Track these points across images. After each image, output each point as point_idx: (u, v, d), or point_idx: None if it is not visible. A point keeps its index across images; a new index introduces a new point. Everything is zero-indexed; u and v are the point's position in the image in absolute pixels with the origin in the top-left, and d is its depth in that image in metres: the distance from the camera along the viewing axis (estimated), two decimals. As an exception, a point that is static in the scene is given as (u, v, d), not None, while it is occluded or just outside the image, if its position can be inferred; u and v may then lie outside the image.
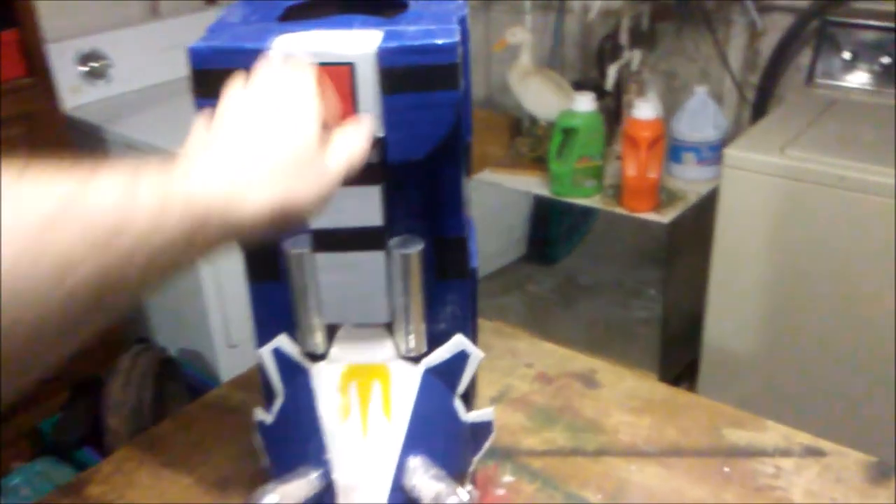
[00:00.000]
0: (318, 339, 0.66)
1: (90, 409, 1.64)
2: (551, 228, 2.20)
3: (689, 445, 0.82)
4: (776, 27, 1.87)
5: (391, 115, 0.55)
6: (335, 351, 0.66)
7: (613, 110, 1.95)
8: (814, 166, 1.39)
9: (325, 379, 0.66)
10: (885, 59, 1.65)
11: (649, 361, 1.80)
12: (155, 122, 1.72)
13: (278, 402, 0.69)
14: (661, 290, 1.72)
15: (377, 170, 0.58)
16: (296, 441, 0.66)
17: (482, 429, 0.72)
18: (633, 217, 1.69)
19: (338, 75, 0.54)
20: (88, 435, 1.63)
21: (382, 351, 0.66)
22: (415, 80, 0.54)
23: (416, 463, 0.63)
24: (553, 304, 2.07)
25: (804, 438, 0.82)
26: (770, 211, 1.45)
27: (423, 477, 0.61)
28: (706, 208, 1.73)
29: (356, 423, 0.64)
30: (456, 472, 0.66)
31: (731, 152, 1.46)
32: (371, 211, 0.60)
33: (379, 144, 0.57)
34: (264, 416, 0.70)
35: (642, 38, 2.02)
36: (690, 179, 1.79)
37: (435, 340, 0.67)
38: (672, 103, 1.94)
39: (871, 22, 1.67)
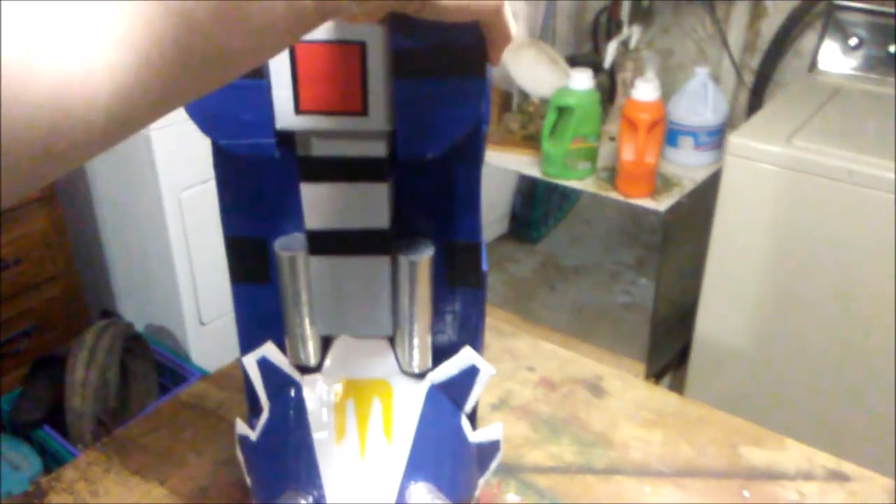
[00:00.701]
0: (311, 350, 0.58)
1: (51, 387, 1.56)
2: (536, 208, 2.13)
3: (705, 465, 0.76)
4: (779, 9, 1.81)
5: (405, 105, 0.47)
6: (330, 364, 0.59)
7: (608, 89, 1.87)
8: (821, 158, 1.33)
9: (318, 394, 0.59)
10: (893, 47, 1.59)
11: (638, 350, 1.75)
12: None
13: (263, 417, 0.62)
14: (652, 278, 1.66)
15: (384, 165, 0.50)
16: (283, 461, 0.58)
17: (489, 448, 0.66)
18: (627, 202, 1.62)
19: (346, 56, 0.46)
20: (49, 414, 1.54)
21: (383, 365, 0.59)
22: (434, 64, 0.46)
23: (418, 489, 0.56)
24: (536, 285, 2.01)
25: (826, 460, 0.77)
26: (772, 201, 1.40)
27: None
28: (702, 195, 1.68)
29: (352, 444, 0.57)
30: (462, 497, 0.60)
31: (735, 140, 1.40)
32: (376, 211, 0.53)
33: (388, 138, 0.49)
34: (247, 431, 0.63)
35: (640, 14, 1.94)
36: (686, 165, 1.73)
37: (440, 354, 0.60)
38: (667, 83, 1.87)
39: (879, 7, 1.61)
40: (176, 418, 0.82)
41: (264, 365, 0.60)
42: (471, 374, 0.61)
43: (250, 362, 0.60)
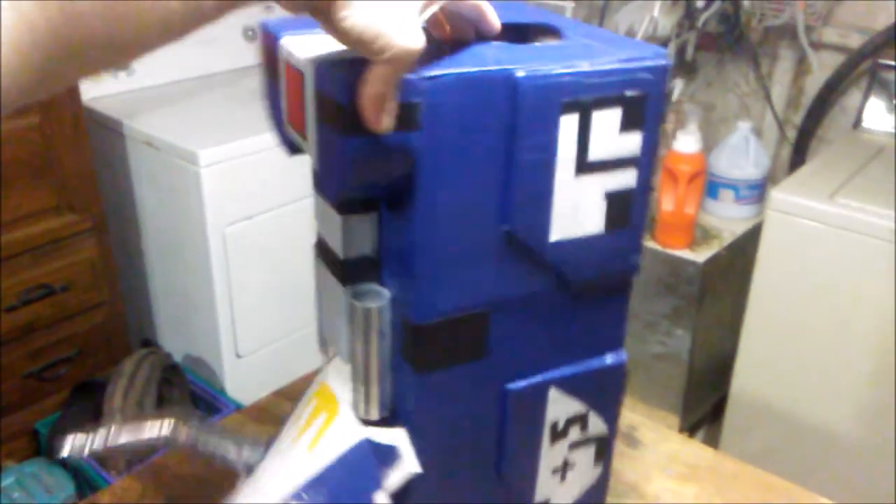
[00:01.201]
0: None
1: (89, 413, 1.58)
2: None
3: (738, 522, 0.75)
4: (823, 66, 1.81)
5: (319, 144, 0.47)
6: (336, 362, 0.59)
7: (649, 139, 1.88)
8: (864, 216, 1.32)
9: (315, 382, 0.61)
10: (939, 107, 1.58)
11: (673, 402, 1.73)
12: (174, 120, 1.67)
13: None
14: (689, 329, 1.65)
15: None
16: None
17: None
18: (666, 253, 1.62)
19: (294, 79, 0.48)
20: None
21: (347, 391, 0.58)
22: (331, 114, 0.45)
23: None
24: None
25: (864, 523, 0.75)
26: (813, 258, 1.39)
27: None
28: (741, 248, 1.67)
29: (292, 433, 0.59)
30: None
31: (777, 195, 1.40)
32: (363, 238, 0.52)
33: None
34: None
35: (684, 67, 1.96)
36: (726, 217, 1.73)
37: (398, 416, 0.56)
38: (708, 136, 1.87)
39: (926, 67, 1.61)
40: (212, 449, 0.83)
41: None
42: (390, 455, 0.56)
43: None
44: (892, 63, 1.64)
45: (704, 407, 1.86)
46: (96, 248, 1.64)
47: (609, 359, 0.56)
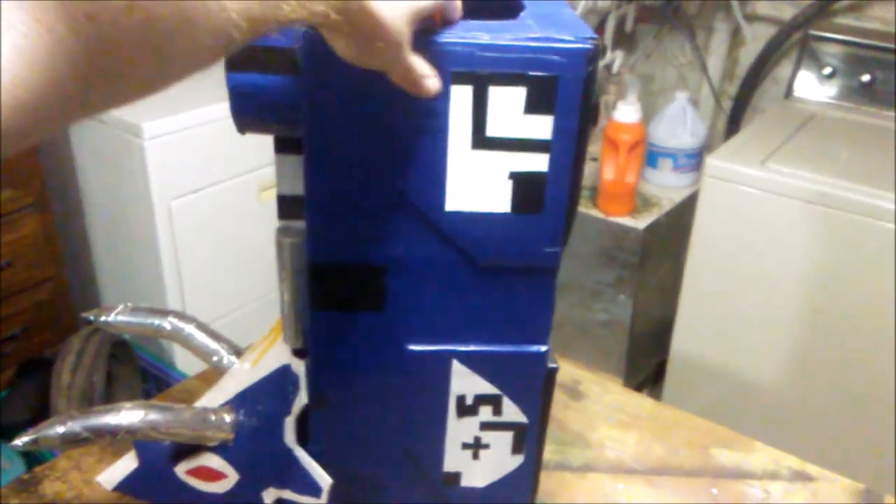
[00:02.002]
0: None
1: (37, 390, 1.57)
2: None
3: (676, 464, 0.80)
4: (757, 37, 1.87)
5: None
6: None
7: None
8: (795, 181, 1.39)
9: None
10: (865, 77, 1.65)
11: (615, 365, 1.79)
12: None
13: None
14: (630, 294, 1.71)
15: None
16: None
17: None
18: (608, 220, 1.67)
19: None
20: (35, 417, 1.55)
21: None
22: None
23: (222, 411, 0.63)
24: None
25: (792, 462, 0.81)
26: (747, 222, 1.45)
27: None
28: (680, 215, 1.73)
29: (250, 355, 0.64)
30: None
31: (712, 162, 1.45)
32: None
33: None
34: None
35: (623, 40, 2.00)
36: (665, 185, 1.78)
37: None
38: (648, 107, 1.92)
39: (853, 38, 1.68)
40: (168, 412, 0.85)
41: None
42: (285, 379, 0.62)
43: None
44: (822, 34, 1.71)
45: (646, 370, 1.93)
46: (38, 225, 1.62)
47: (526, 348, 0.56)
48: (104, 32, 0.26)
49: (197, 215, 1.62)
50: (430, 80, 0.43)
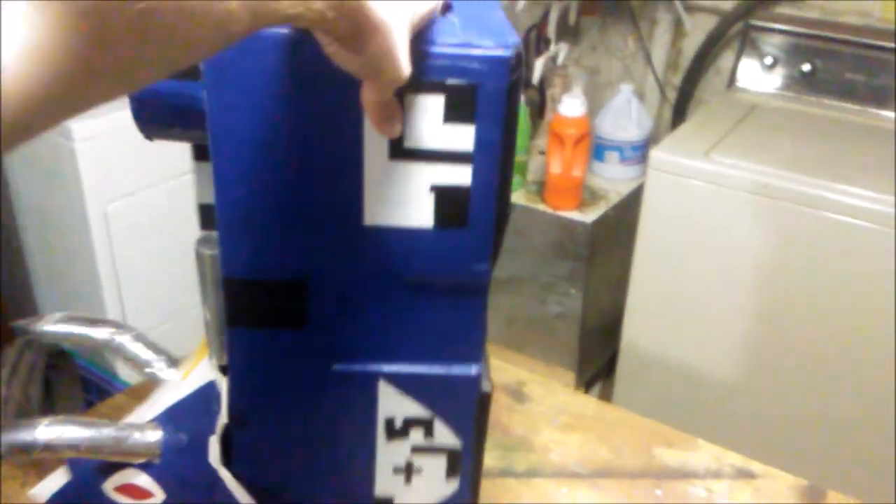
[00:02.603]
0: None
1: (-30, 405, 1.51)
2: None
3: (620, 466, 0.79)
4: (700, 28, 1.87)
5: None
6: None
7: (537, 104, 1.91)
8: (738, 172, 1.39)
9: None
10: (806, 66, 1.67)
11: (568, 359, 1.79)
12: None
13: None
14: (581, 288, 1.70)
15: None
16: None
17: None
18: (556, 214, 1.66)
19: None
20: (-33, 433, 1.49)
21: None
22: None
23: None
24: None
25: (735, 459, 0.80)
26: (693, 214, 1.45)
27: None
28: (628, 208, 1.73)
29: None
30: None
31: (656, 154, 1.45)
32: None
33: None
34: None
35: (568, 32, 1.99)
36: (613, 178, 1.78)
37: None
38: (595, 100, 1.92)
39: (793, 28, 1.69)
40: (95, 431, 0.81)
41: None
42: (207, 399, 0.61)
43: None
44: (763, 24, 1.71)
45: (598, 363, 1.93)
46: (-33, 232, 1.55)
47: (456, 369, 0.53)
48: (106, 24, 0.26)
49: (134, 219, 1.57)
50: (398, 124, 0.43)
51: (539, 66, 1.87)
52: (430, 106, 0.44)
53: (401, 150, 0.45)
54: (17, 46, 0.25)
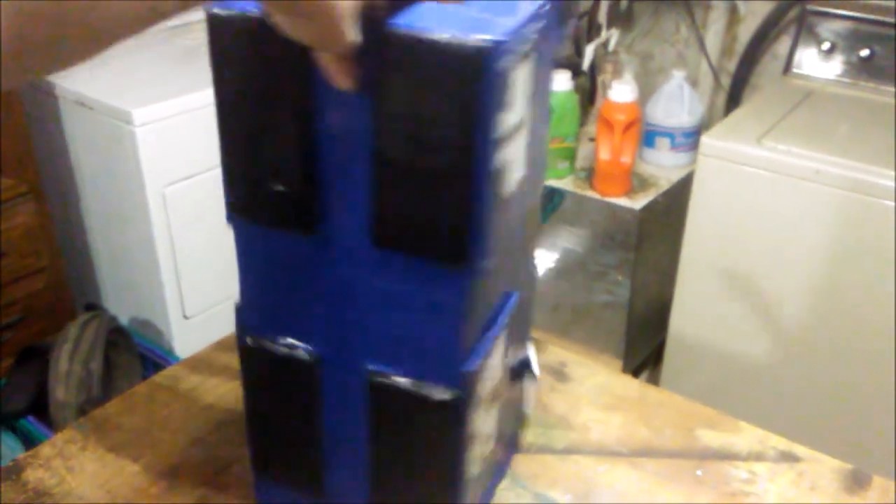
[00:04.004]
0: None
1: (36, 378, 1.58)
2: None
3: (661, 446, 0.79)
4: (755, 14, 1.84)
5: None
6: None
7: (588, 90, 1.91)
8: (790, 159, 1.37)
9: None
10: (864, 52, 1.63)
11: (614, 346, 1.78)
12: (108, 79, 1.63)
13: None
14: (628, 276, 1.70)
15: None
16: None
17: None
18: (604, 201, 1.66)
19: None
20: (33, 404, 1.56)
21: None
22: None
23: None
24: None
25: (778, 443, 0.80)
26: (743, 201, 1.43)
27: None
28: (678, 195, 1.71)
29: None
30: None
31: (707, 141, 1.43)
32: None
33: None
34: None
35: (620, 18, 1.98)
36: (663, 165, 1.76)
37: None
38: (647, 86, 1.90)
39: (851, 13, 1.65)
40: (150, 400, 0.85)
41: None
42: None
43: None
44: (820, 9, 1.68)
45: (645, 351, 1.92)
46: (33, 213, 1.62)
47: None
48: (34, 6, 0.29)
49: (191, 202, 1.62)
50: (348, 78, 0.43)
51: (590, 52, 1.86)
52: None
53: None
54: None
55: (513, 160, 0.50)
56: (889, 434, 1.40)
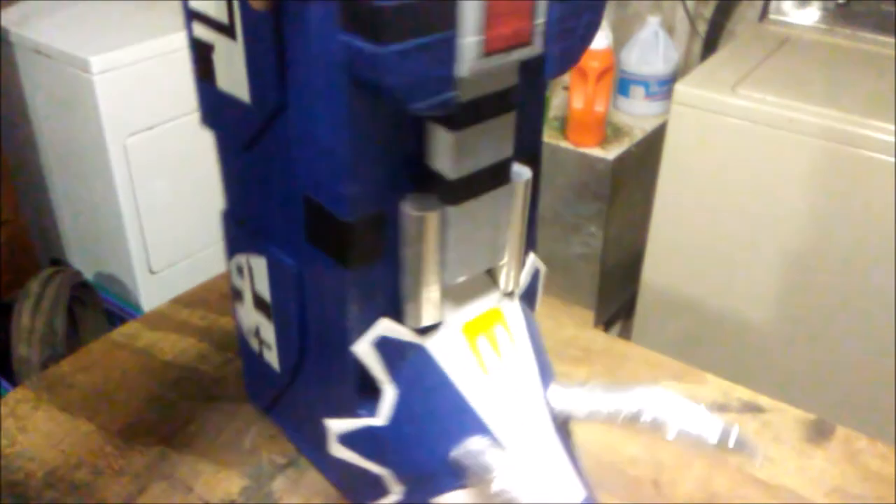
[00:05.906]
0: (438, 306, 0.55)
1: (-2, 334, 1.55)
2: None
3: (626, 399, 0.78)
4: (733, -42, 1.81)
5: (559, 25, 0.45)
6: (446, 312, 0.56)
7: (562, 38, 1.87)
8: (764, 107, 1.35)
9: (451, 346, 0.56)
10: (841, -2, 1.60)
11: (587, 298, 1.78)
12: (65, 26, 1.57)
13: (389, 397, 0.57)
14: (601, 227, 1.68)
15: (515, 92, 0.48)
16: (434, 425, 0.56)
17: None
18: (578, 151, 1.63)
19: None
20: (-3, 361, 1.54)
21: (488, 295, 0.58)
22: None
23: (554, 391, 0.59)
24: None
25: (742, 393, 0.79)
26: (717, 151, 1.41)
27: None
28: (652, 145, 1.69)
29: (498, 374, 0.56)
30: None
31: (681, 88, 1.41)
32: (506, 141, 0.51)
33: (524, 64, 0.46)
34: (360, 422, 0.58)
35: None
36: (637, 114, 1.74)
37: None
38: (621, 33, 1.87)
39: (830, -42, 1.62)
40: (105, 358, 0.83)
41: (384, 344, 0.56)
42: (537, 276, 0.65)
43: (367, 347, 0.56)
44: (797, -47, 1.65)
45: (618, 302, 1.92)
46: (-9, 166, 1.57)
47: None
48: None
49: (155, 153, 1.57)
50: None
51: (564, -2, 1.81)
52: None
53: None
54: None
55: None
56: (854, 386, 1.41)
